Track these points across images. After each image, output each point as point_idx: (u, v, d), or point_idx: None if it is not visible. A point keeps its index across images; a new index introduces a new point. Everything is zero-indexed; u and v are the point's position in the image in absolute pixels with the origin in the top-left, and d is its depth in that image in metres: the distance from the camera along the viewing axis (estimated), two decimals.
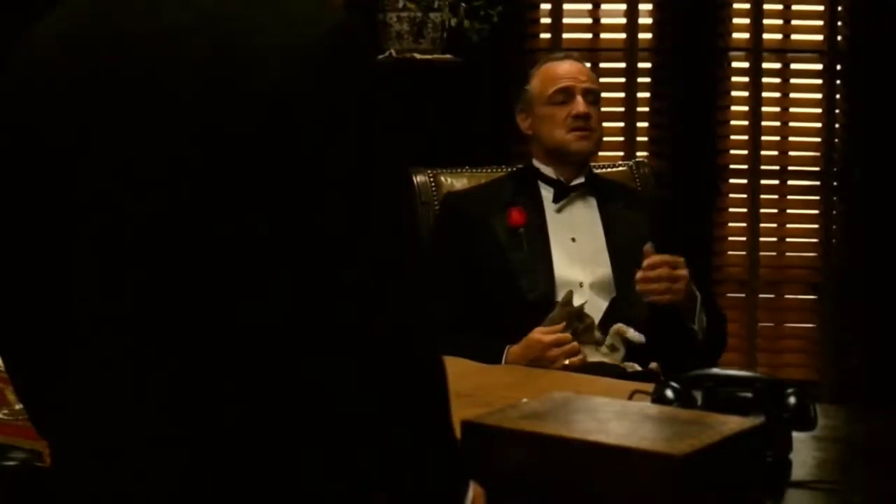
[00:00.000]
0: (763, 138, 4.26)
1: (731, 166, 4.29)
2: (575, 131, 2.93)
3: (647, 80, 4.25)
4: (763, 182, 4.27)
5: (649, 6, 4.23)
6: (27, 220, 1.31)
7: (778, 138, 4.29)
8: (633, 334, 2.69)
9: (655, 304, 2.71)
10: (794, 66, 4.28)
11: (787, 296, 4.35)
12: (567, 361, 2.64)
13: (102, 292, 1.26)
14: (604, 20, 4.27)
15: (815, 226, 4.30)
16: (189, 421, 1.23)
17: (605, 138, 4.11)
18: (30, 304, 1.33)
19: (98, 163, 1.26)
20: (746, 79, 4.24)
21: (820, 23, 4.24)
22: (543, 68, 3.01)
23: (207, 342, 1.22)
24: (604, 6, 4.27)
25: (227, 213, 1.21)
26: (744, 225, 4.28)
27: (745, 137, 4.26)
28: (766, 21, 4.23)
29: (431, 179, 3.19)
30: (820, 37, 4.24)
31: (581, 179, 2.96)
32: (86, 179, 1.27)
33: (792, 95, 4.30)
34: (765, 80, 4.25)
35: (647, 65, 4.25)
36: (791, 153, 4.31)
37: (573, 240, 2.90)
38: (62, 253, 1.28)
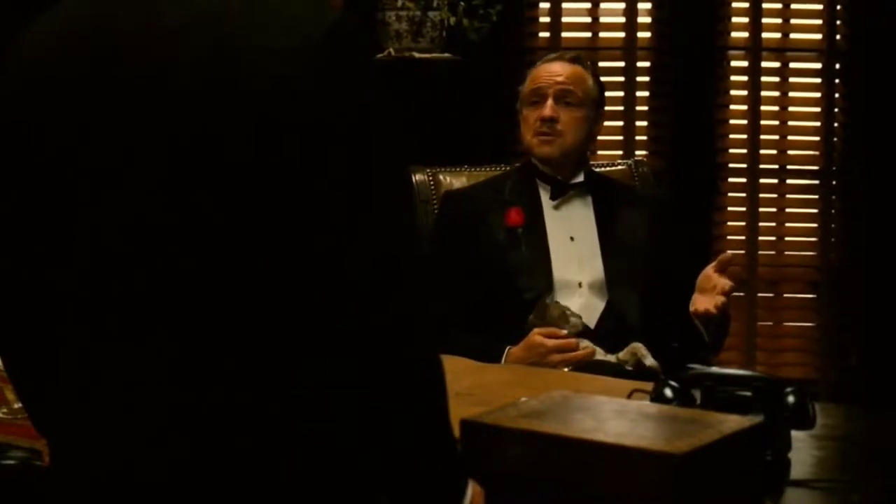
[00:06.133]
0: (762, 137, 4.26)
1: (730, 165, 4.29)
2: (538, 136, 2.90)
3: (646, 79, 4.25)
4: (762, 181, 4.27)
5: (648, 5, 4.23)
6: (25, 219, 1.31)
7: (777, 137, 4.29)
8: (650, 361, 2.66)
9: (693, 311, 2.68)
10: (793, 65, 4.28)
11: (786, 294, 4.35)
12: (566, 370, 2.63)
13: (102, 291, 1.26)
14: (603, 19, 4.27)
15: (814, 225, 4.30)
16: (188, 420, 1.23)
17: (605, 137, 4.15)
18: (29, 303, 1.32)
19: (97, 162, 1.26)
20: (745, 78, 4.24)
21: (819, 22, 4.24)
22: (534, 68, 3.00)
23: (207, 341, 1.23)
24: (603, 5, 4.26)
25: (227, 211, 1.21)
26: (743, 224, 4.28)
27: (744, 136, 4.26)
28: (765, 20, 4.23)
29: (430, 178, 3.19)
30: (819, 36, 4.24)
31: (580, 178, 2.94)
32: (85, 178, 1.27)
33: (791, 94, 4.30)
34: (764, 79, 4.24)
35: (646, 64, 4.25)
36: (790, 152, 4.31)
37: (572, 239, 2.89)
38: (61, 252, 1.28)
